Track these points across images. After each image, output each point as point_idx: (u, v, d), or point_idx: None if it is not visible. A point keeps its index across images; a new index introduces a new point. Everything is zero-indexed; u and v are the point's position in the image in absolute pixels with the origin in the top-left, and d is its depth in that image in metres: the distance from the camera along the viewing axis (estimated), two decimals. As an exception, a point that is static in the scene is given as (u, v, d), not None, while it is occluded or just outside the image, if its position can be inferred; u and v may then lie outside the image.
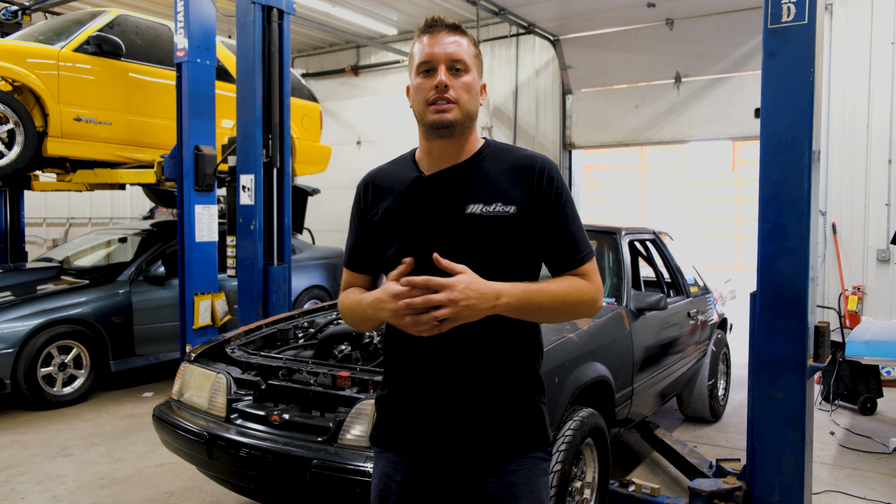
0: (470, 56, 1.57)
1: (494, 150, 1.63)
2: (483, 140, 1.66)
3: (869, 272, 7.81)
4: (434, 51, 1.54)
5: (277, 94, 5.39)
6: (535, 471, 1.61)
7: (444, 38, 1.55)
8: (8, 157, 5.45)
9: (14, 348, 5.20)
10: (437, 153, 1.60)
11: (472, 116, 1.58)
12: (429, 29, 1.57)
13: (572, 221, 1.59)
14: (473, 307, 1.40)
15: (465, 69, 1.55)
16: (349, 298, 1.66)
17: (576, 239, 1.58)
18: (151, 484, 3.95)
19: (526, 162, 1.59)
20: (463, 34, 1.58)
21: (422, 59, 1.55)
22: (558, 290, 1.52)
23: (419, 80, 1.56)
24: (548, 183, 1.56)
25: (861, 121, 7.81)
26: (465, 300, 1.38)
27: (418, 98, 1.57)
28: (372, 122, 11.63)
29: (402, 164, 1.69)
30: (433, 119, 1.54)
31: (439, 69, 1.53)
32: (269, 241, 5.38)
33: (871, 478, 4.11)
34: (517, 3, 8.75)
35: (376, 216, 1.65)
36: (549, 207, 1.56)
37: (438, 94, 1.53)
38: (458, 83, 1.54)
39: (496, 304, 1.43)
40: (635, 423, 4.05)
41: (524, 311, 1.48)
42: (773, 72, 2.89)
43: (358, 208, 1.72)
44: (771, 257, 2.92)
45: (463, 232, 1.54)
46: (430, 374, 1.58)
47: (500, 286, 1.44)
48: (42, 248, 10.81)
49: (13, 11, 7.70)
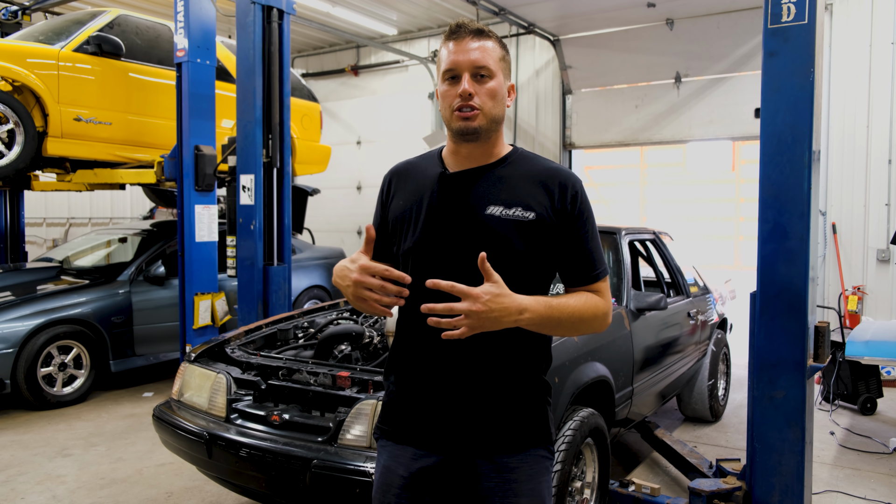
0: (495, 60, 1.57)
1: (521, 157, 1.65)
2: (511, 146, 1.67)
3: (869, 272, 7.81)
4: (458, 58, 1.55)
5: (277, 94, 5.39)
6: (537, 468, 1.62)
7: (469, 43, 1.55)
8: (8, 157, 5.45)
9: (14, 348, 5.20)
10: (464, 154, 1.63)
11: (497, 121, 1.59)
12: (453, 35, 1.58)
13: (591, 238, 1.61)
14: (496, 320, 1.40)
15: (489, 75, 1.56)
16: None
17: (593, 256, 1.61)
18: (151, 484, 3.95)
19: (552, 174, 1.61)
20: (488, 37, 1.58)
21: (447, 66, 1.57)
22: (576, 307, 1.54)
23: (445, 87, 1.58)
24: (572, 199, 1.58)
25: (861, 121, 7.81)
26: (487, 313, 1.38)
27: (445, 104, 1.59)
28: (372, 122, 11.63)
29: (428, 160, 1.71)
30: (458, 126, 1.56)
31: (464, 76, 1.55)
32: (269, 241, 5.38)
33: (871, 478, 4.11)
34: (517, 3, 8.75)
35: (397, 208, 1.67)
36: (570, 223, 1.58)
37: (463, 102, 1.54)
38: (482, 90, 1.55)
39: (519, 319, 1.44)
40: (635, 423, 4.05)
41: (543, 325, 1.50)
42: (773, 72, 2.89)
43: (381, 197, 1.75)
44: (771, 257, 2.92)
45: (480, 231, 1.55)
46: (441, 369, 1.59)
47: (525, 301, 1.44)
48: (42, 248, 10.80)
49: (13, 11, 7.70)
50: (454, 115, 1.56)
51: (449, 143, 1.66)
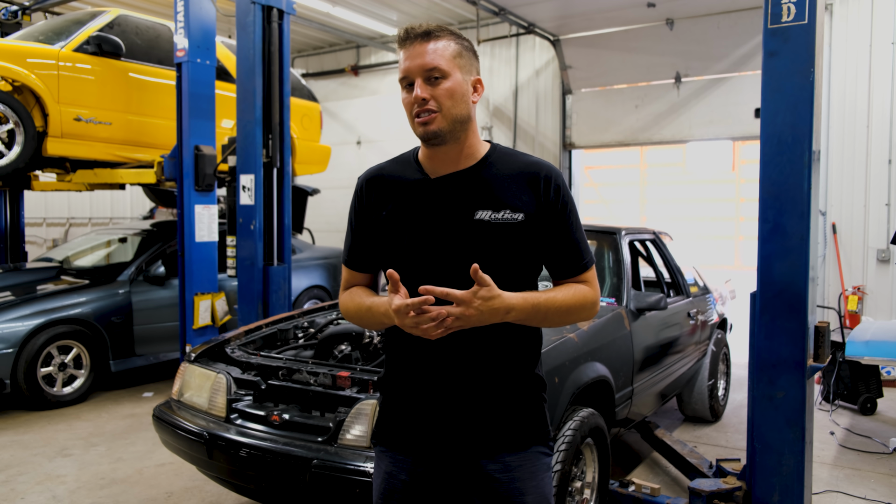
0: (447, 59, 1.54)
1: (501, 155, 1.64)
2: (488, 144, 1.66)
3: (869, 272, 7.81)
4: (408, 64, 1.55)
5: (277, 94, 5.39)
6: (539, 465, 1.64)
7: (417, 48, 1.55)
8: (8, 157, 5.45)
9: (14, 348, 5.20)
10: (439, 157, 1.62)
11: (460, 120, 1.57)
12: (403, 42, 1.57)
13: (577, 229, 1.63)
14: (484, 321, 1.45)
15: (443, 75, 1.54)
16: (353, 301, 1.67)
17: (580, 246, 1.62)
18: (151, 484, 3.95)
19: (533, 169, 1.61)
20: (437, 38, 1.55)
21: (401, 74, 1.57)
22: (564, 300, 1.56)
23: (404, 95, 1.58)
24: (555, 191, 1.59)
25: (861, 121, 7.80)
26: (477, 315, 1.43)
27: (407, 112, 1.59)
28: (372, 122, 11.63)
29: (404, 164, 1.68)
30: (419, 132, 1.56)
31: (416, 82, 1.54)
32: (269, 241, 5.38)
33: (871, 478, 4.11)
34: (517, 3, 8.75)
35: (379, 216, 1.65)
36: (555, 215, 1.59)
37: (420, 108, 1.54)
38: (437, 91, 1.54)
39: (505, 318, 1.48)
40: (635, 423, 4.05)
41: (530, 320, 1.54)
42: (773, 72, 2.89)
43: (357, 206, 1.71)
44: (771, 257, 2.92)
45: (471, 238, 1.55)
46: (434, 372, 1.60)
47: (512, 300, 1.47)
48: (42, 248, 10.80)
49: (13, 11, 7.69)
50: (415, 122, 1.56)
51: (423, 147, 1.66)
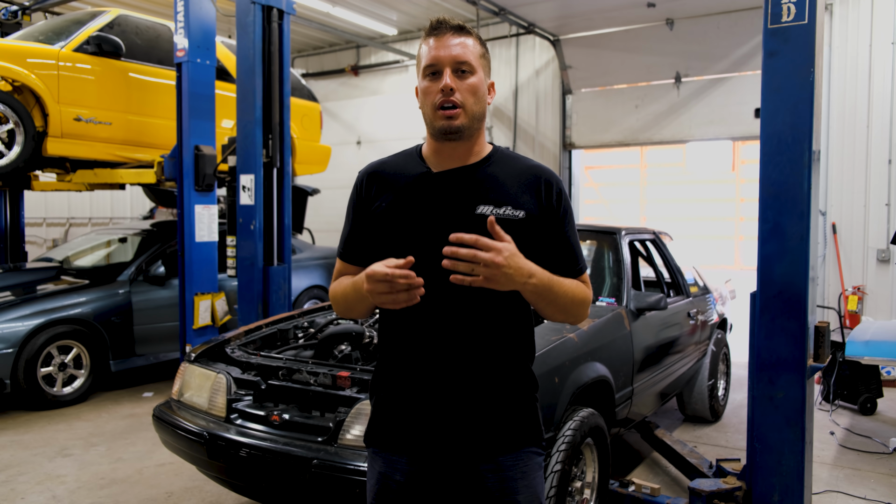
0: (476, 56, 1.58)
1: (503, 156, 1.67)
2: (491, 145, 1.68)
3: (869, 272, 7.81)
4: (439, 53, 1.55)
5: (277, 94, 5.39)
6: (531, 465, 1.65)
7: (450, 39, 1.56)
8: (8, 156, 5.45)
9: (14, 348, 5.19)
10: (446, 153, 1.62)
11: (479, 118, 1.60)
12: (434, 31, 1.58)
13: (574, 234, 1.66)
14: (510, 276, 1.42)
15: (470, 70, 1.56)
16: (340, 286, 1.67)
17: (576, 252, 1.66)
18: (151, 484, 3.95)
19: (535, 172, 1.63)
20: (468, 34, 1.59)
21: (428, 61, 1.57)
22: (570, 288, 1.58)
23: (426, 83, 1.58)
24: (557, 196, 1.62)
25: (861, 121, 7.81)
26: (506, 268, 1.40)
27: (426, 101, 1.58)
28: (372, 122, 11.64)
29: (407, 159, 1.69)
30: (441, 125, 1.56)
31: (445, 72, 1.55)
32: (269, 241, 5.38)
33: (871, 478, 4.11)
34: (517, 3, 8.76)
35: (378, 208, 1.64)
36: (556, 220, 1.62)
37: (445, 98, 1.54)
38: (463, 85, 1.55)
39: (527, 282, 1.46)
40: (635, 423, 4.05)
41: (543, 296, 1.52)
42: (773, 72, 2.89)
43: (357, 198, 1.71)
44: (771, 257, 2.92)
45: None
46: (428, 370, 1.60)
47: (533, 266, 1.47)
48: (42, 248, 10.80)
49: (13, 11, 7.69)
50: (437, 114, 1.55)
51: (430, 141, 1.65)
